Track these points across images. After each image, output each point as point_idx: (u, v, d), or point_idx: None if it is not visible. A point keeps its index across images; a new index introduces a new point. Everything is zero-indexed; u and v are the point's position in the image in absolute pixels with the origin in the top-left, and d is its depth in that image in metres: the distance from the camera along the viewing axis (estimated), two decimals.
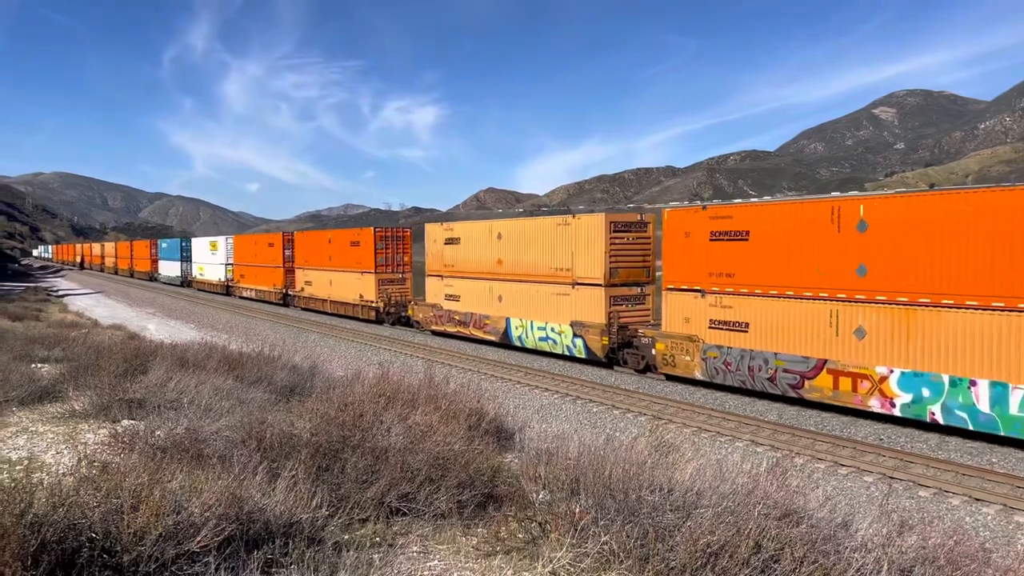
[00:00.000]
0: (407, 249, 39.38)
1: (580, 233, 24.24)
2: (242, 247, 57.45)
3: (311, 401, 8.76)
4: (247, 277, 54.96)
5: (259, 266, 52.51)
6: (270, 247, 50.90)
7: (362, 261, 38.64)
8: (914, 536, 5.38)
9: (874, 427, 16.08)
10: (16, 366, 12.26)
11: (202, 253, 65.84)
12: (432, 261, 32.62)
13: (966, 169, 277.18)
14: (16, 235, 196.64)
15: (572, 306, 24.55)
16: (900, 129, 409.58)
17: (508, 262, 27.76)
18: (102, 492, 4.84)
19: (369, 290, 38.08)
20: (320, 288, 43.26)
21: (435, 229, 32.99)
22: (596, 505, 5.51)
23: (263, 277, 51.72)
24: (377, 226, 40.02)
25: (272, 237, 51.82)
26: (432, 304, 32.68)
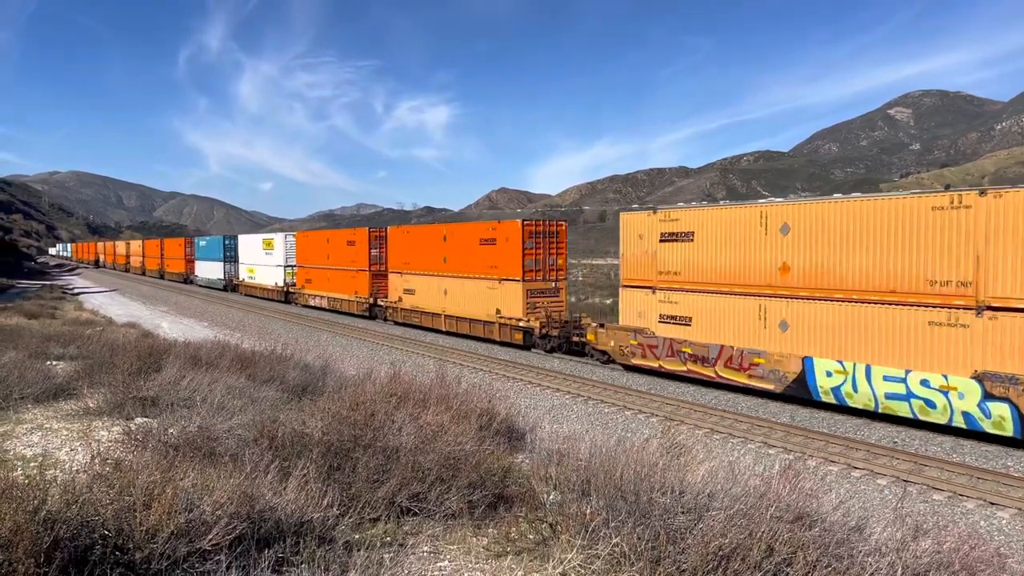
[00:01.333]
0: (563, 249, 29.67)
1: None
2: (308, 246, 48.55)
3: (323, 400, 8.78)
4: (316, 282, 46.28)
5: (332, 269, 43.83)
6: (350, 246, 41.98)
7: (500, 265, 29.27)
8: (928, 540, 5.33)
9: (888, 430, 15.97)
10: (31, 363, 12.36)
11: (252, 253, 57.75)
12: (633, 264, 22.68)
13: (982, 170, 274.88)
14: (32, 233, 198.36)
15: None
16: (916, 130, 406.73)
17: (802, 268, 17.76)
18: (115, 489, 4.86)
19: (512, 304, 28.60)
20: (428, 298, 34.33)
21: (639, 219, 22.55)
22: (607, 506, 5.49)
23: (339, 282, 43.01)
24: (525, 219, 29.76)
25: (353, 233, 42.37)
26: (635, 329, 22.44)
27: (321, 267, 45.74)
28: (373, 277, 39.70)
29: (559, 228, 29.70)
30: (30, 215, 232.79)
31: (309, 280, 47.62)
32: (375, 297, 39.49)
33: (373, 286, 39.65)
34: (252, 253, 57.96)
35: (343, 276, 42.62)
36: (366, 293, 39.99)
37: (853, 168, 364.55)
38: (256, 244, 57.37)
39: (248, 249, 59.14)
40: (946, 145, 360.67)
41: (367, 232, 40.45)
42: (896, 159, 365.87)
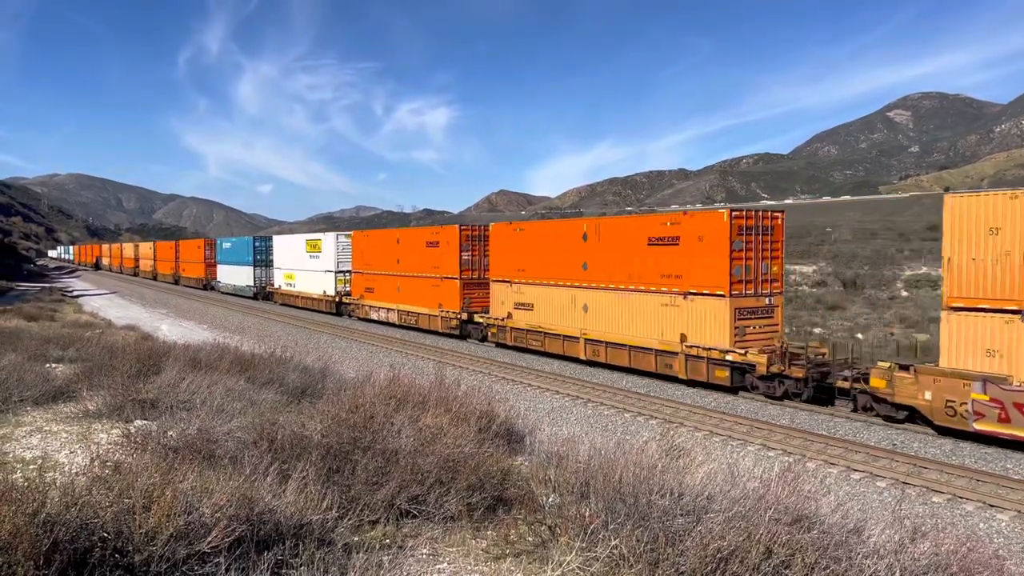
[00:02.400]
0: (779, 251, 21.31)
1: None
2: (370, 248, 40.55)
3: (322, 403, 8.78)
4: (380, 292, 38.71)
5: (405, 276, 36.32)
6: (431, 248, 34.35)
7: (688, 272, 20.88)
8: (927, 543, 5.33)
9: (887, 432, 15.97)
10: (31, 366, 12.36)
11: (291, 256, 49.72)
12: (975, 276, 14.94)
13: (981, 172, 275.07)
14: (32, 236, 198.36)
15: None
16: (915, 132, 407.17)
17: None
18: (114, 492, 4.86)
19: (710, 328, 20.29)
20: (553, 316, 26.30)
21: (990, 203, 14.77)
22: (606, 509, 5.50)
23: (414, 292, 35.43)
24: (734, 209, 20.83)
25: (436, 232, 34.99)
26: (979, 376, 14.56)
27: (388, 273, 37.96)
28: (465, 287, 32.10)
29: (774, 222, 21.33)
30: (29, 218, 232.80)
31: (370, 289, 39.77)
32: (469, 312, 31.74)
33: (465, 298, 32.02)
34: (291, 256, 49.85)
35: (421, 285, 34.82)
36: (456, 306, 32.25)
37: (852, 171, 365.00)
38: (297, 246, 49.33)
39: (286, 252, 51.12)
40: (945, 147, 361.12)
41: (457, 231, 32.79)
42: (895, 161, 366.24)
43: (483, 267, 32.20)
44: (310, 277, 46.64)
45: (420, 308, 34.94)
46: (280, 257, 52.39)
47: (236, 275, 59.44)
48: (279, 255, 52.55)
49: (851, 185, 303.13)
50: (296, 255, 49.03)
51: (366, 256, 40.88)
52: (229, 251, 62.41)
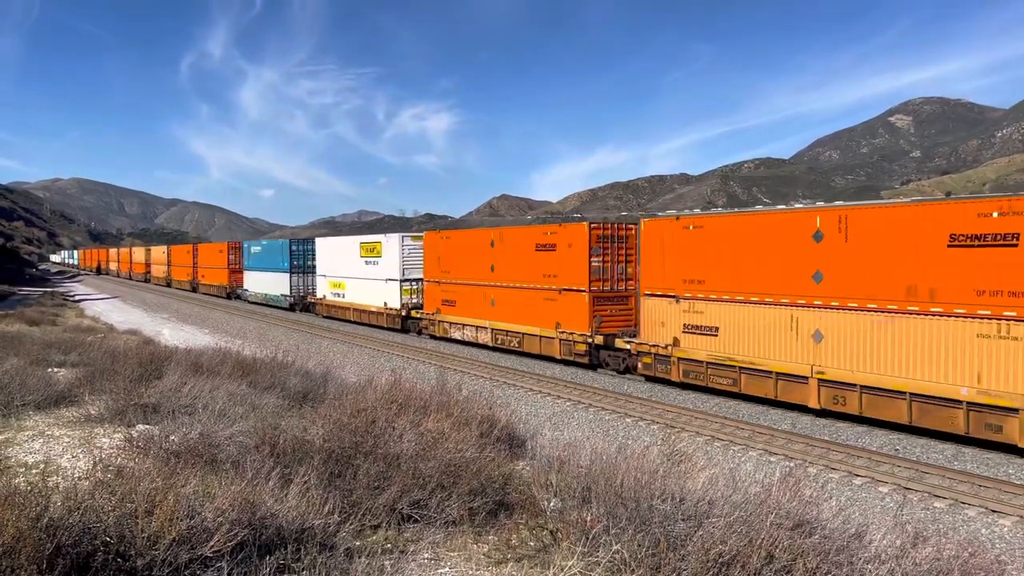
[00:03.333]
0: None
1: None
2: (451, 253, 33.09)
3: (324, 407, 8.80)
4: (466, 304, 31.53)
5: (500, 287, 29.28)
6: (544, 252, 26.90)
7: None
8: (928, 548, 5.33)
9: (889, 437, 15.96)
10: (33, 370, 12.38)
11: (341, 261, 42.75)
12: None
13: (983, 177, 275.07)
14: (34, 240, 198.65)
15: None
16: (916, 137, 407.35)
17: None
18: (117, 496, 4.88)
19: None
20: (762, 345, 18.99)
21: None
22: (607, 513, 5.50)
23: (517, 307, 28.21)
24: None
25: (551, 232, 27.28)
26: None
27: (477, 283, 30.82)
28: (595, 302, 24.86)
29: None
30: (32, 222, 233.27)
31: (450, 302, 32.67)
32: (604, 335, 24.42)
33: (595, 316, 24.71)
34: (340, 262, 42.90)
35: (527, 299, 27.70)
36: (582, 326, 24.93)
37: (854, 175, 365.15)
38: (347, 250, 42.34)
39: (333, 257, 44.18)
40: (946, 152, 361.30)
41: (586, 231, 25.09)
42: (897, 166, 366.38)
43: (617, 276, 25.31)
44: (366, 286, 39.53)
45: (525, 327, 27.68)
46: (325, 263, 45.14)
47: (268, 283, 53.00)
48: (324, 261, 45.50)
49: (852, 190, 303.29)
50: (347, 261, 41.89)
51: (445, 262, 33.31)
52: (259, 256, 55.79)
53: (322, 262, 45.79)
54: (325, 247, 46.42)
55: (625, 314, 25.35)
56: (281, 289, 50.56)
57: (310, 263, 48.07)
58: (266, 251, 55.16)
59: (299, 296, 48.75)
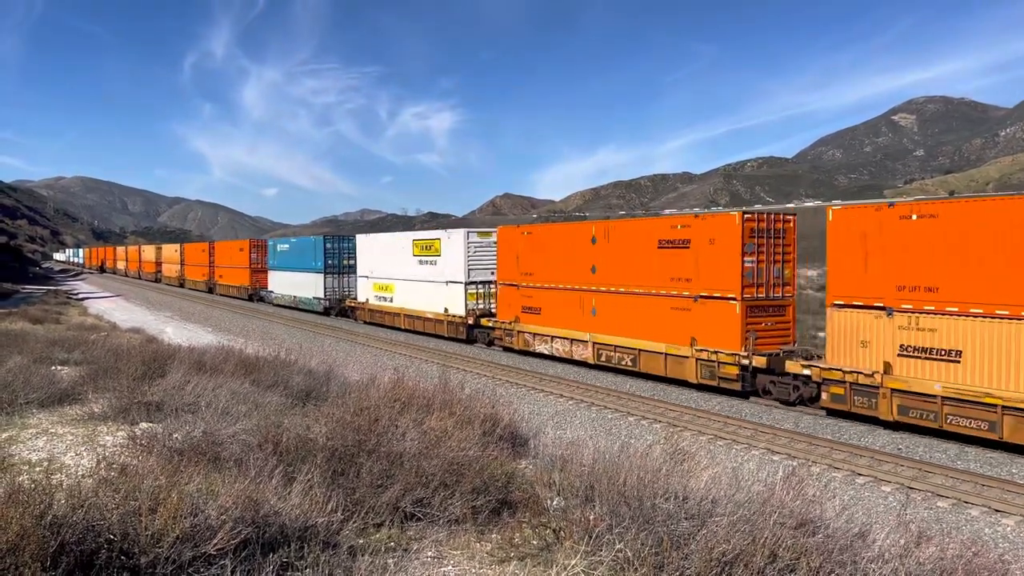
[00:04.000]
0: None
1: None
2: (536, 250, 27.52)
3: (327, 405, 8.81)
4: (552, 314, 26.27)
5: (604, 292, 23.97)
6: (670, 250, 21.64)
7: None
8: (932, 547, 5.33)
9: (892, 436, 15.94)
10: (36, 368, 12.40)
11: (390, 260, 37.87)
12: None
13: (986, 176, 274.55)
14: (37, 239, 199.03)
15: None
16: (920, 136, 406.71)
17: None
18: (120, 494, 4.88)
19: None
20: None
21: None
22: (610, 512, 5.50)
23: (632, 318, 22.80)
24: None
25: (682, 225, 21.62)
26: None
27: (570, 288, 25.32)
28: (749, 313, 19.59)
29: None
30: (35, 220, 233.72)
31: (533, 309, 27.41)
32: (765, 355, 19.07)
33: (748, 331, 19.38)
34: (388, 261, 38.06)
35: (644, 307, 22.28)
36: (731, 343, 19.65)
37: (857, 174, 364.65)
38: (398, 248, 37.49)
39: (378, 255, 39.41)
40: (950, 151, 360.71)
41: (737, 222, 19.48)
42: (900, 165, 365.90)
43: (773, 279, 20.06)
44: (420, 290, 34.54)
45: (642, 342, 22.25)
46: (368, 263, 40.19)
47: (297, 284, 47.97)
48: (366, 260, 40.54)
49: (856, 189, 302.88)
50: (396, 260, 37.03)
51: (527, 262, 27.85)
52: (287, 255, 50.78)
53: (364, 262, 40.79)
54: (368, 245, 41.24)
55: (782, 328, 20.26)
56: (314, 291, 45.52)
57: (347, 263, 44.11)
58: (296, 249, 49.67)
59: (335, 299, 44.05)
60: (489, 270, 31.19)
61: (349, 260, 43.86)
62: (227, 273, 62.66)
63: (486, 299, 31.37)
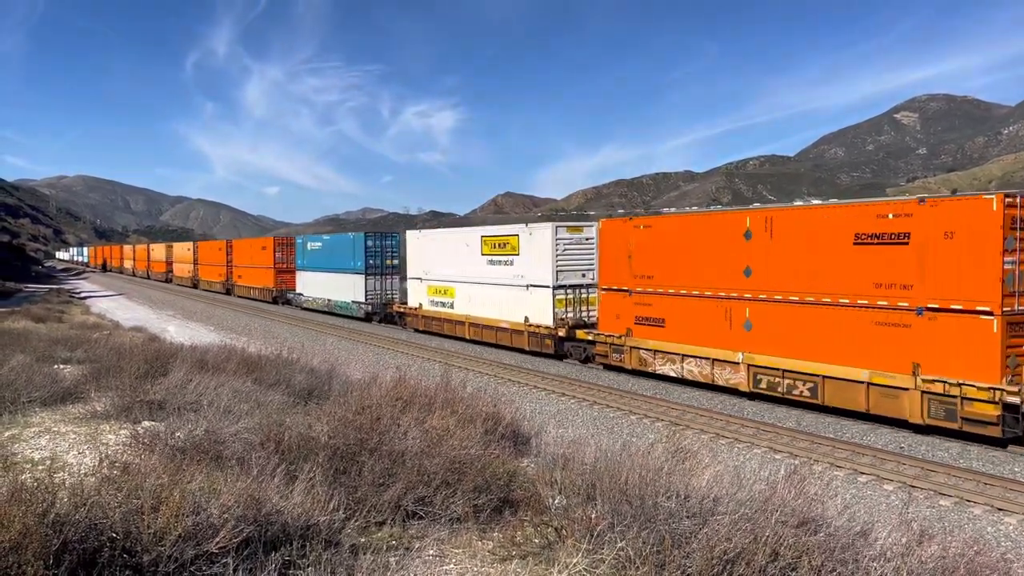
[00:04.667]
0: None
1: None
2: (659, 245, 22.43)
3: (329, 404, 8.81)
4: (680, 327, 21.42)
5: (760, 302, 19.08)
6: (875, 247, 16.41)
7: None
8: (934, 546, 5.33)
9: (895, 435, 15.92)
10: (39, 367, 12.43)
11: (450, 259, 33.18)
12: None
13: (989, 175, 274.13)
14: (40, 238, 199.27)
15: None
16: (922, 134, 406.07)
17: None
18: (123, 492, 4.90)
19: None
20: None
21: None
22: (612, 511, 5.51)
23: (806, 335, 17.85)
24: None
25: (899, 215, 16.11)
26: None
27: (714, 295, 20.32)
28: (1011, 331, 14.64)
29: None
30: (38, 219, 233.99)
31: (654, 320, 22.30)
32: None
33: (1008, 357, 14.55)
34: (448, 260, 33.27)
35: (833, 322, 17.34)
36: (989, 374, 14.52)
37: (859, 172, 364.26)
38: (461, 245, 32.42)
39: (435, 253, 34.64)
40: (953, 150, 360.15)
41: (992, 207, 14.62)
42: (903, 163, 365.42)
43: None
44: (492, 294, 29.69)
45: (825, 367, 17.30)
46: (421, 262, 35.45)
47: (332, 286, 43.14)
48: (418, 259, 35.73)
49: (858, 187, 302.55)
50: (459, 260, 32.16)
51: (643, 262, 22.70)
52: (319, 254, 45.88)
53: (416, 261, 36.04)
54: (421, 243, 36.17)
55: None
56: (352, 294, 40.95)
57: (390, 263, 40.03)
58: (330, 248, 44.68)
59: (378, 304, 39.55)
60: (580, 272, 26.73)
61: (392, 260, 39.81)
62: (247, 273, 58.45)
63: (576, 306, 26.51)
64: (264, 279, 54.42)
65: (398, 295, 39.27)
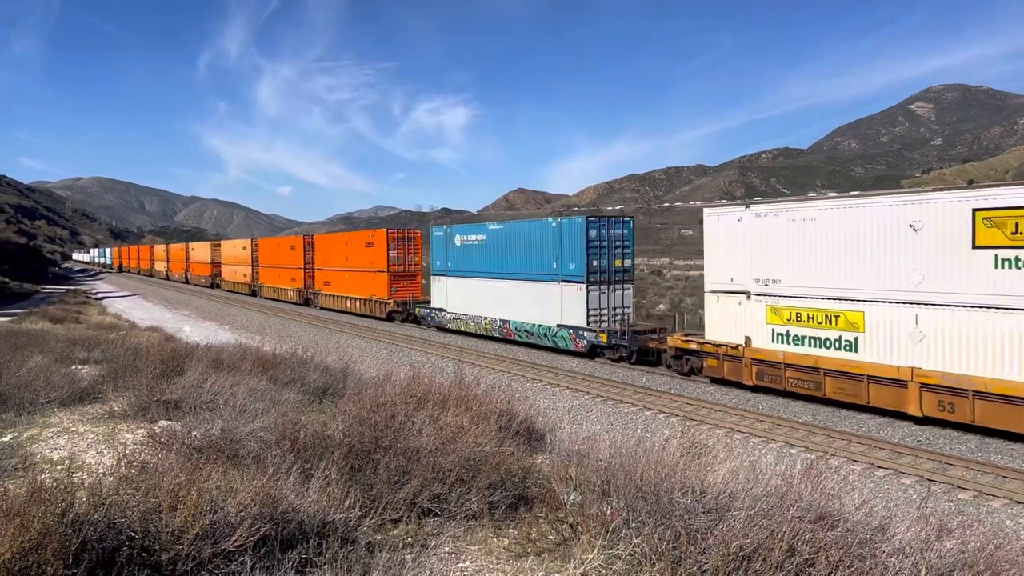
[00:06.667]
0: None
1: None
2: None
3: (343, 402, 8.84)
4: None
5: None
6: None
7: None
8: (953, 540, 5.28)
9: (911, 428, 15.81)
10: (57, 368, 12.52)
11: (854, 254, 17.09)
12: None
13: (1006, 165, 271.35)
14: (56, 239, 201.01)
15: None
16: (937, 124, 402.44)
17: None
18: (141, 492, 4.93)
19: None
20: None
21: None
22: (627, 507, 5.49)
23: None
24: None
25: None
26: None
27: None
28: None
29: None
30: (54, 221, 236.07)
31: None
32: None
33: None
34: (838, 257, 17.52)
35: None
36: None
37: (873, 164, 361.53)
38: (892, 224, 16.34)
39: (794, 242, 18.68)
40: (968, 140, 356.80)
41: None
42: (918, 155, 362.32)
43: None
44: None
45: None
46: (760, 260, 19.46)
47: (511, 302, 29.53)
48: (754, 255, 19.80)
49: (872, 179, 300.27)
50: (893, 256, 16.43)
51: None
52: (481, 251, 31.95)
53: (733, 260, 20.29)
54: (750, 227, 19.90)
55: None
56: (557, 313, 27.00)
57: (619, 264, 26.55)
58: (509, 240, 30.28)
59: (617, 332, 25.07)
60: None
61: (623, 260, 26.61)
62: (340, 280, 44.96)
63: None
64: (371, 286, 40.83)
65: (624, 312, 26.39)
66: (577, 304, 26.29)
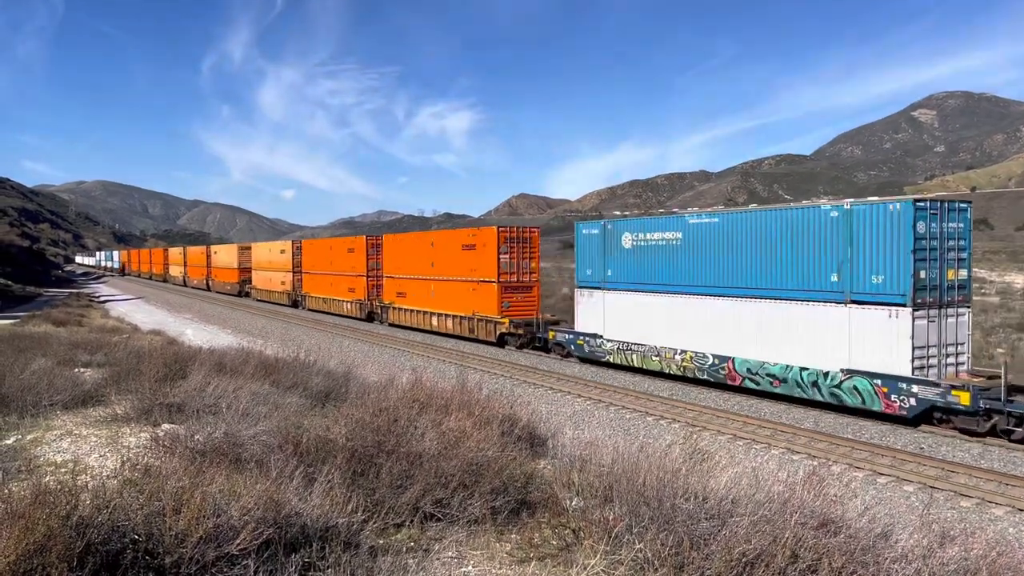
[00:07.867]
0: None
1: None
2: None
3: (346, 406, 8.84)
4: None
5: None
6: None
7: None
8: (955, 547, 5.27)
9: (914, 435, 15.79)
10: (60, 371, 12.55)
11: None
12: None
13: (1009, 172, 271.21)
14: (59, 242, 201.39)
15: None
16: (940, 131, 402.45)
17: None
18: (145, 495, 4.94)
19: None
20: None
21: None
22: (630, 512, 5.49)
23: None
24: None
25: None
26: None
27: None
28: None
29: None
30: (57, 224, 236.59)
31: None
32: None
33: None
34: None
35: None
36: None
37: (876, 171, 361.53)
38: None
39: None
40: (971, 147, 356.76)
41: None
42: (920, 161, 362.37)
43: None
44: None
45: None
46: None
47: (736, 330, 20.22)
48: None
49: (875, 186, 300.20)
50: None
51: None
52: (673, 254, 22.55)
53: None
54: None
55: None
56: (848, 355, 17.41)
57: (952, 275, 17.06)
58: (718, 239, 20.99)
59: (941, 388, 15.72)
60: None
61: (956, 272, 17.23)
62: (420, 291, 36.39)
63: None
64: (473, 301, 31.90)
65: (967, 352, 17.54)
66: (890, 339, 16.75)
